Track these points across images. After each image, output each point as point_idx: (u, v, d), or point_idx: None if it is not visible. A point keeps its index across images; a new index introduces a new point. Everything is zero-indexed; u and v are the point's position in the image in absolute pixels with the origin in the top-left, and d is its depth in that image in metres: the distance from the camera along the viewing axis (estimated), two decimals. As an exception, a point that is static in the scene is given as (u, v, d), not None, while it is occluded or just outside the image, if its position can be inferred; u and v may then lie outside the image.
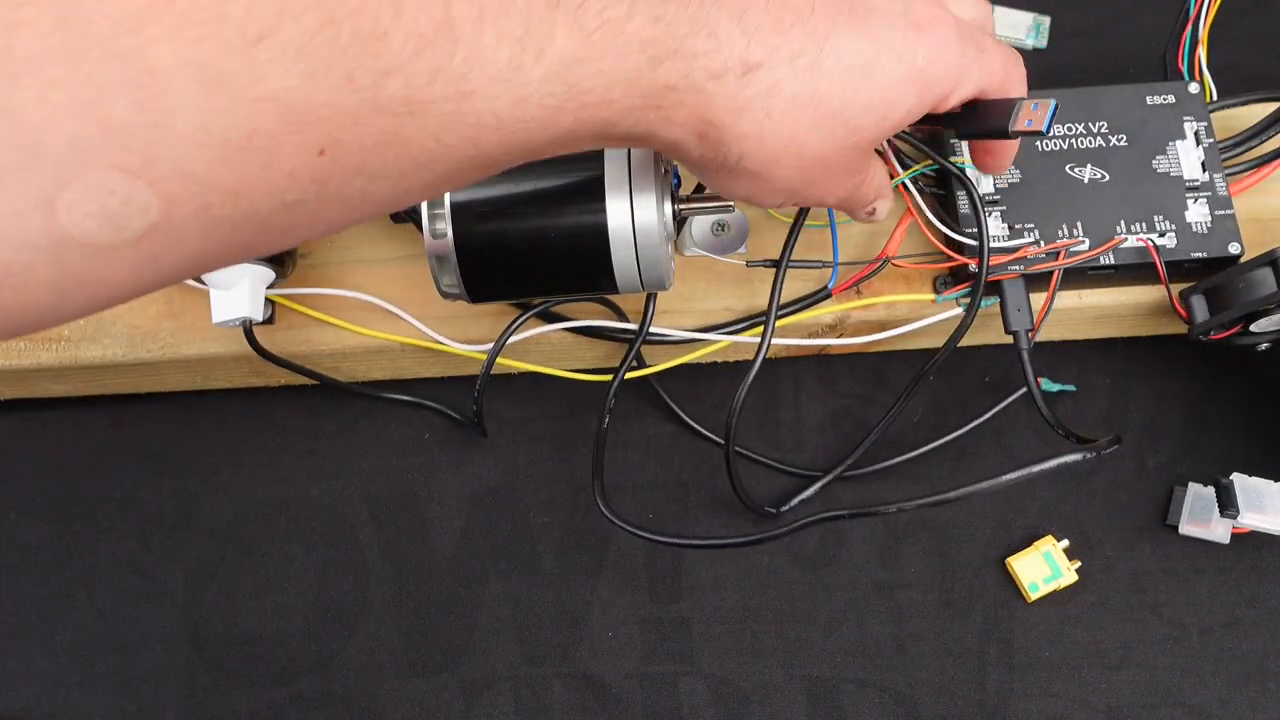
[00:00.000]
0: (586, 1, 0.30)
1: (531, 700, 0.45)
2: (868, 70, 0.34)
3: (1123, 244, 0.45)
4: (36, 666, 0.46)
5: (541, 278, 0.42)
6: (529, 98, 0.29)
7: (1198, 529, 0.46)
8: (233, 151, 0.25)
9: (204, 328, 0.46)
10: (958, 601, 0.46)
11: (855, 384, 0.50)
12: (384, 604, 0.47)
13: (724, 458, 0.44)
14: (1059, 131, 0.47)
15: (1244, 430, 0.48)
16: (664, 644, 0.46)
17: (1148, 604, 0.46)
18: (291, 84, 0.25)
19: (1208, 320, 0.44)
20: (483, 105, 0.29)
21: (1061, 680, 0.45)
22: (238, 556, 0.48)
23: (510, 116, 0.29)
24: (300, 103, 0.25)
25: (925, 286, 0.47)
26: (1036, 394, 0.43)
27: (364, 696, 0.45)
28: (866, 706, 0.44)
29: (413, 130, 0.28)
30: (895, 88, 0.34)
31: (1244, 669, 0.44)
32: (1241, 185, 0.48)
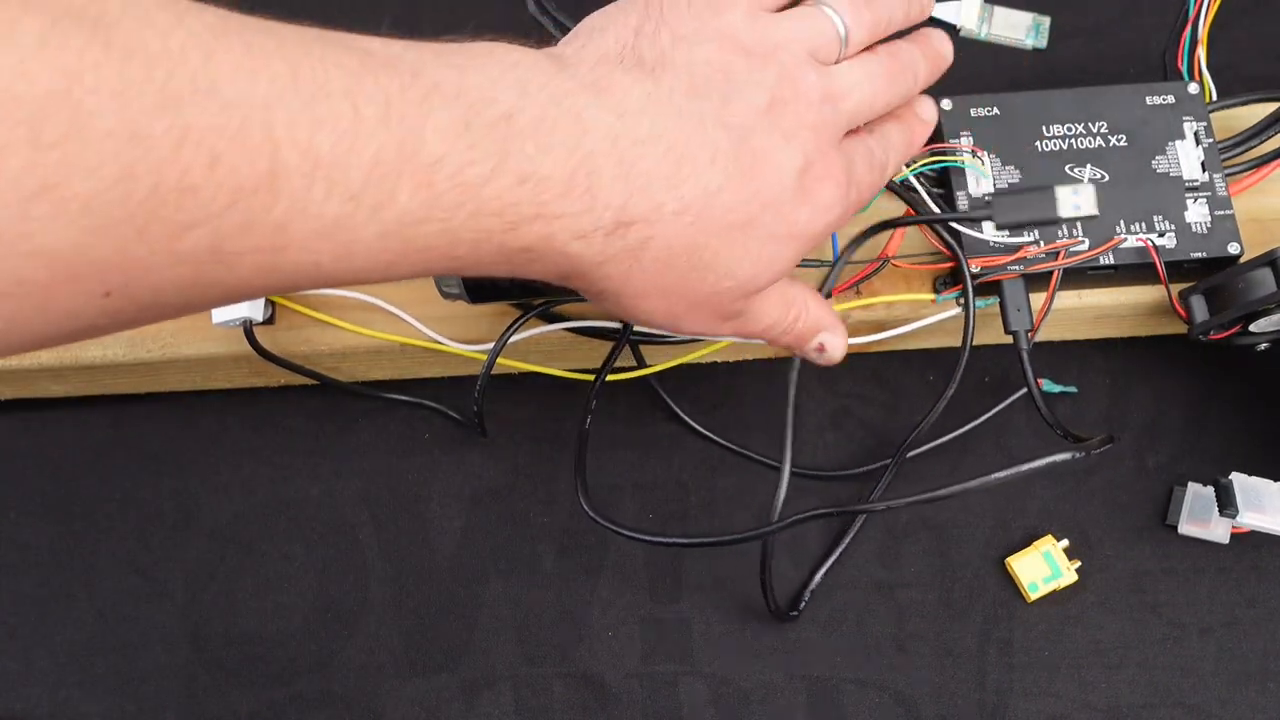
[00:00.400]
0: (445, 158, 0.28)
1: (531, 700, 0.45)
2: (749, 227, 0.33)
3: (1122, 244, 0.45)
4: (36, 666, 0.46)
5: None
6: (357, 253, 0.28)
7: (1197, 529, 0.46)
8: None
9: (204, 328, 0.46)
10: (957, 601, 0.46)
11: (855, 384, 0.50)
12: (384, 604, 0.47)
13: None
14: (1058, 131, 0.47)
15: (1244, 430, 0.48)
16: (664, 644, 0.46)
17: (1147, 604, 0.46)
18: (70, 239, 0.23)
19: (1207, 320, 0.44)
20: (303, 257, 0.27)
21: (1061, 680, 0.45)
22: (238, 556, 0.48)
23: (335, 268, 0.28)
24: (78, 257, 0.23)
25: (925, 286, 0.47)
26: (1036, 394, 0.43)
27: (364, 696, 0.45)
28: (866, 706, 0.44)
29: (218, 275, 0.26)
30: (774, 244, 0.34)
31: (1244, 669, 0.44)
32: (1241, 185, 0.48)
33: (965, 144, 0.47)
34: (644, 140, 0.32)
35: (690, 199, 0.32)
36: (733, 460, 0.48)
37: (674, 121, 0.33)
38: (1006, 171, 0.47)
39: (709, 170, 0.33)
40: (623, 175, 0.31)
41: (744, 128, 0.34)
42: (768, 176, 0.34)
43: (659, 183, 0.32)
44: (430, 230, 0.29)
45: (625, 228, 0.32)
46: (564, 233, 0.31)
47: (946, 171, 0.47)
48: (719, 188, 0.33)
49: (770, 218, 0.34)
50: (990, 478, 0.38)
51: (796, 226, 0.34)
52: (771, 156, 0.34)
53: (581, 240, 0.31)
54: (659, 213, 0.32)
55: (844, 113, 0.36)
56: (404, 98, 0.28)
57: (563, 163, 0.30)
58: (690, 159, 0.32)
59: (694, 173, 0.32)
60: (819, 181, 0.35)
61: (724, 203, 0.33)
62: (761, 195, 0.33)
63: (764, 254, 0.34)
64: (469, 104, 0.29)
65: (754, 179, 0.33)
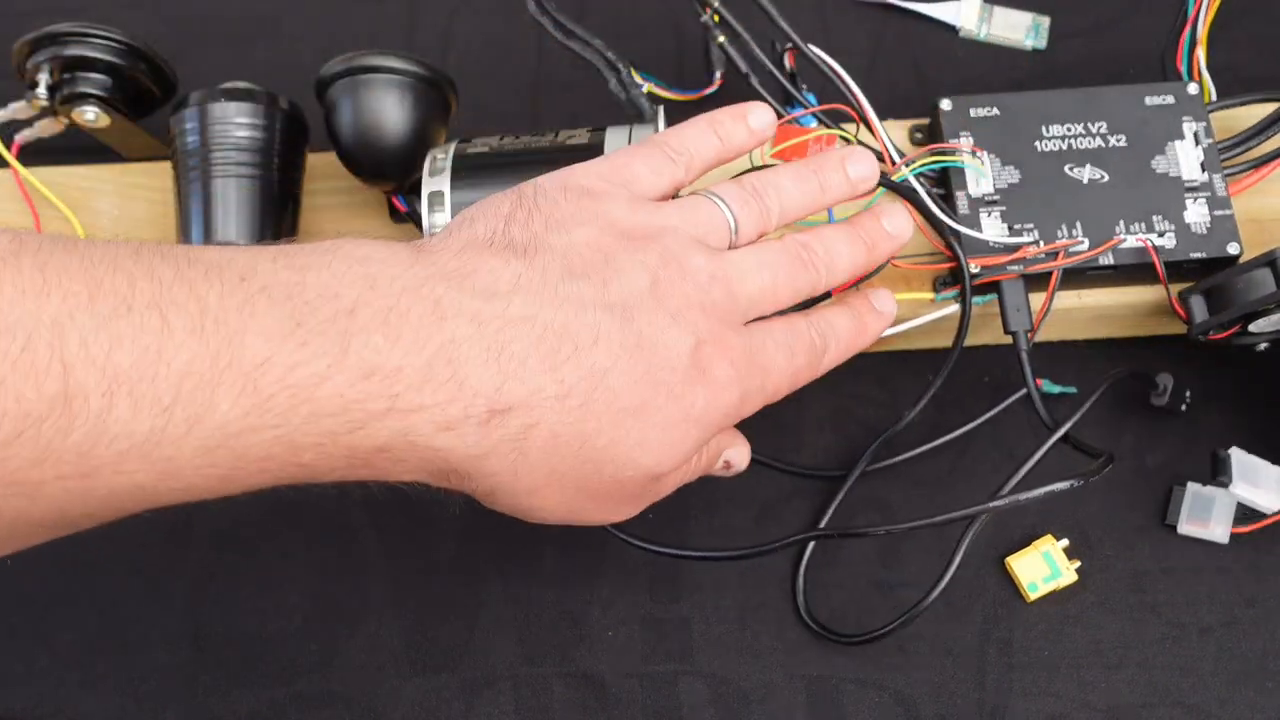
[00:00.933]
0: (270, 360, 0.26)
1: (531, 700, 0.45)
2: (644, 411, 0.32)
3: (1122, 244, 0.45)
4: (36, 666, 0.46)
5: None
6: (182, 470, 0.26)
7: (1197, 529, 0.46)
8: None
9: (204, 328, 0.46)
10: (957, 601, 0.46)
11: (855, 384, 0.50)
12: (384, 604, 0.47)
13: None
14: (1058, 132, 0.47)
15: (1243, 430, 0.48)
16: (664, 644, 0.46)
17: (1147, 604, 0.46)
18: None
19: (1207, 320, 0.44)
20: (117, 480, 0.25)
21: (1061, 680, 0.45)
22: (238, 556, 0.48)
23: (161, 487, 0.27)
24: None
25: (925, 286, 0.47)
26: (1035, 395, 0.43)
27: (364, 696, 0.45)
28: (866, 706, 0.45)
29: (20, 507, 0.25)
30: (672, 430, 0.33)
31: (1243, 668, 0.44)
32: (1240, 186, 0.48)
33: (965, 144, 0.47)
34: (516, 321, 0.30)
35: (574, 382, 0.30)
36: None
37: (550, 301, 0.31)
38: (1006, 171, 0.47)
39: (593, 351, 0.31)
40: (493, 359, 0.29)
41: (628, 308, 0.32)
42: (657, 357, 0.32)
43: (537, 364, 0.30)
44: (263, 439, 0.27)
45: (502, 415, 0.29)
46: (426, 425, 0.28)
47: (946, 171, 0.47)
48: (605, 369, 0.31)
49: (664, 401, 0.32)
50: (989, 505, 0.39)
51: (694, 410, 0.33)
52: (659, 336, 0.32)
53: (450, 432, 0.29)
54: (539, 397, 0.30)
55: (739, 296, 0.35)
56: (223, 304, 0.26)
57: (417, 351, 0.28)
58: (571, 339, 0.31)
59: (576, 354, 0.31)
60: (713, 362, 0.33)
61: (612, 385, 0.31)
62: (653, 376, 0.32)
63: (665, 440, 0.33)
64: (304, 302, 0.27)
65: (642, 360, 0.32)
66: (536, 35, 0.54)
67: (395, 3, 0.59)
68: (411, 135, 0.45)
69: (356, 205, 0.50)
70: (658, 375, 0.32)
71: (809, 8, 0.57)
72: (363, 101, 0.44)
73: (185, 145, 0.45)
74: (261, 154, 0.45)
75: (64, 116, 0.48)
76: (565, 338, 0.31)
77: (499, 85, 0.57)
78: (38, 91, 0.46)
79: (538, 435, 0.30)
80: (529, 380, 0.30)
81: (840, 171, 0.39)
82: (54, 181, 0.49)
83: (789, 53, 0.49)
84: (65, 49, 0.46)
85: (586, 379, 0.31)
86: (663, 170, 0.37)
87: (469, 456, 0.30)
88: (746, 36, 0.48)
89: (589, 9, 0.58)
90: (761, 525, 0.47)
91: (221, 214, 0.44)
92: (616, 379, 0.31)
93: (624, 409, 0.31)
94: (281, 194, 0.45)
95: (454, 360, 0.29)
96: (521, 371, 0.30)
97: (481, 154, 0.43)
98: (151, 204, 0.49)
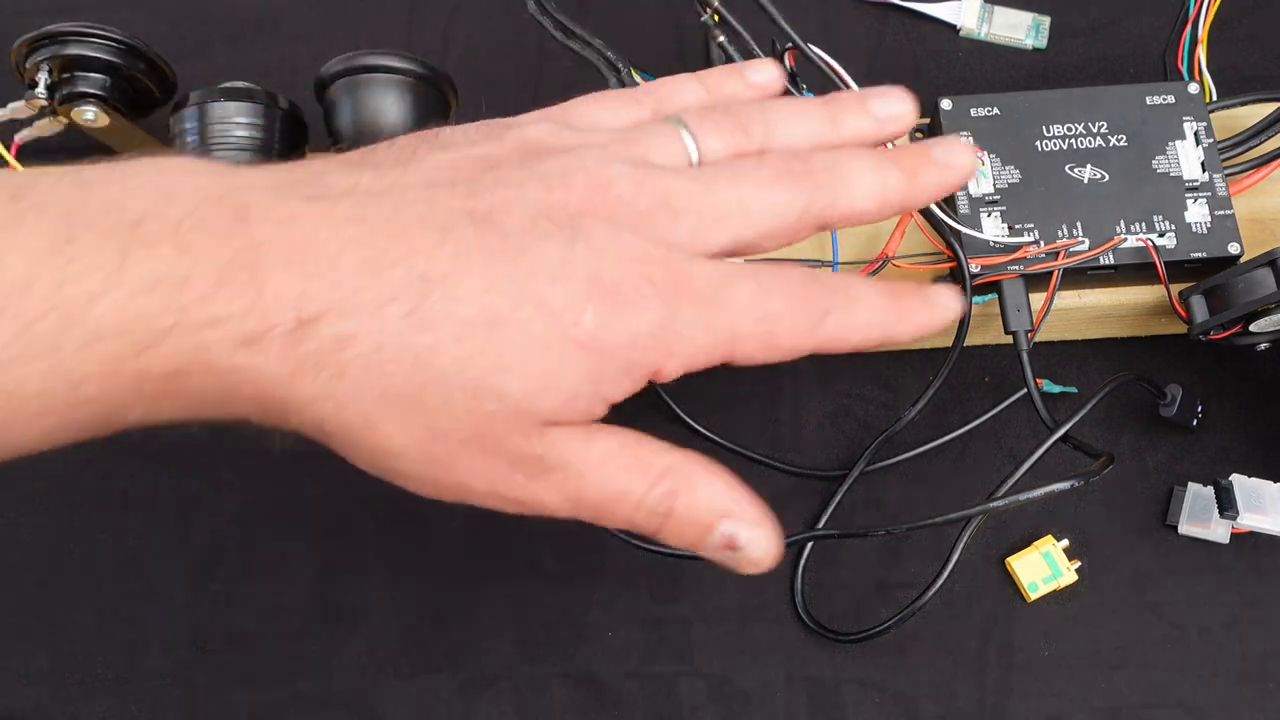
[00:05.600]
0: (35, 280, 0.23)
1: (531, 700, 0.45)
2: (496, 327, 0.26)
3: (1122, 244, 0.45)
4: (36, 666, 0.46)
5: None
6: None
7: (1197, 529, 0.46)
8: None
9: (204, 328, 0.46)
10: (957, 601, 0.46)
11: (855, 384, 0.50)
12: (384, 604, 0.47)
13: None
14: (1059, 131, 0.47)
15: (1244, 430, 0.48)
16: (664, 644, 0.46)
17: (1147, 604, 0.46)
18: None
19: (1207, 320, 0.44)
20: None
21: (1061, 680, 0.45)
22: (238, 556, 0.47)
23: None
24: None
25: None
26: (1035, 396, 0.43)
27: (364, 696, 0.45)
28: (866, 706, 0.44)
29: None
30: (547, 354, 0.26)
31: (1244, 669, 0.44)
32: (1241, 185, 0.48)
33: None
34: (338, 221, 0.25)
35: (401, 284, 0.25)
36: (734, 462, 0.48)
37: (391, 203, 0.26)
38: (1006, 171, 0.47)
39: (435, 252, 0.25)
40: (298, 260, 0.24)
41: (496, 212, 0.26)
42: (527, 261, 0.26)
43: (354, 265, 0.25)
44: (34, 371, 0.23)
45: (310, 325, 0.24)
46: (222, 342, 0.24)
47: (946, 171, 0.47)
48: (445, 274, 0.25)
49: (532, 313, 0.26)
50: (988, 506, 0.39)
51: (579, 328, 0.26)
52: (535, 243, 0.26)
53: (251, 347, 0.24)
54: (354, 302, 0.25)
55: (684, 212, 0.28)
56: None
57: (209, 257, 0.24)
58: (405, 239, 0.25)
59: (409, 255, 0.25)
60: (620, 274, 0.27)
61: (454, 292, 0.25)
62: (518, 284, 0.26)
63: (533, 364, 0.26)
64: (83, 218, 0.24)
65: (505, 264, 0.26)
66: (536, 35, 0.54)
67: (395, 3, 0.59)
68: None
69: (356, 205, 0.50)
70: (524, 285, 0.26)
71: (809, 8, 0.57)
72: (362, 101, 0.44)
73: (185, 145, 0.45)
74: (261, 153, 0.45)
75: (63, 116, 0.48)
76: (399, 239, 0.25)
77: (499, 85, 0.57)
78: (37, 91, 0.46)
79: (356, 349, 0.25)
80: (342, 283, 0.25)
81: (858, 107, 0.31)
82: (54, 181, 0.49)
83: (789, 52, 0.49)
84: (65, 48, 0.46)
85: (419, 282, 0.25)
86: (620, 110, 0.31)
87: (277, 377, 0.25)
88: (746, 36, 0.48)
89: (589, 9, 0.58)
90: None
91: (221, 214, 0.44)
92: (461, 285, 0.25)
93: (470, 320, 0.25)
94: (281, 194, 0.45)
95: (252, 265, 0.24)
96: (333, 273, 0.25)
97: (481, 154, 0.43)
98: (151, 204, 0.49)
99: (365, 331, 0.25)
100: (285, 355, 0.25)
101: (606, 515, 0.29)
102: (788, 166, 0.29)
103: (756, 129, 0.30)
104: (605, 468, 0.28)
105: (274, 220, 0.25)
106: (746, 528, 0.29)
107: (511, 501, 0.29)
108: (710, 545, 0.29)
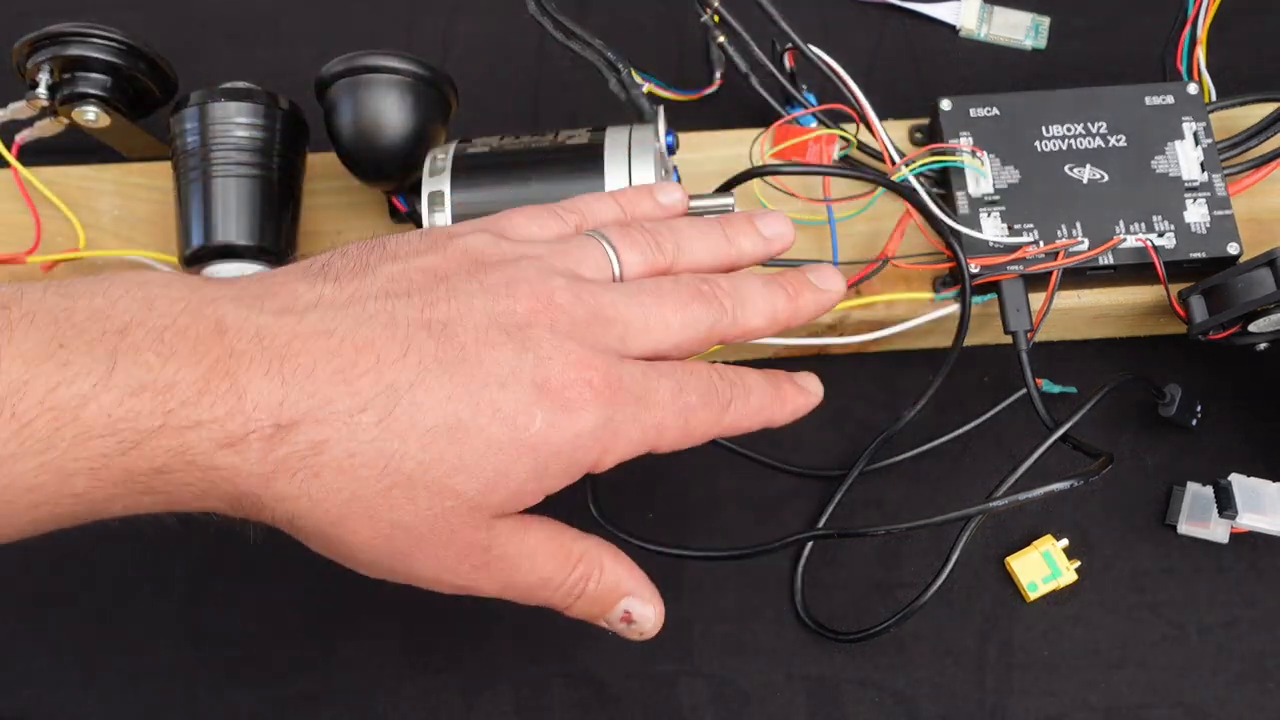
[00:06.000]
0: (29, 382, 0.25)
1: (531, 700, 0.45)
2: (456, 432, 0.28)
3: (1122, 244, 0.45)
4: (36, 666, 0.46)
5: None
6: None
7: (1196, 529, 0.46)
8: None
9: (204, 328, 0.46)
10: (957, 601, 0.46)
11: (855, 384, 0.50)
12: (384, 604, 0.47)
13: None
14: (1058, 132, 0.47)
15: (1243, 430, 0.48)
16: (664, 644, 0.46)
17: (1147, 603, 0.46)
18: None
19: (1207, 320, 0.44)
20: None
21: (1061, 680, 0.45)
22: (238, 556, 0.47)
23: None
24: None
25: (925, 286, 0.47)
26: (1035, 396, 0.43)
27: (364, 696, 0.45)
28: (866, 706, 0.45)
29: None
30: (500, 455, 0.29)
31: (1243, 669, 0.44)
32: (1240, 185, 0.48)
33: (965, 144, 0.47)
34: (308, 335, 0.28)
35: (371, 396, 0.27)
36: (734, 461, 0.48)
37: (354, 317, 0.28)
38: (1006, 171, 0.47)
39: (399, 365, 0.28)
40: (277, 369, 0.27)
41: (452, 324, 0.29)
42: (482, 372, 0.29)
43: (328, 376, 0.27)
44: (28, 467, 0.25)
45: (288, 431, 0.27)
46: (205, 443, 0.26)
47: (946, 171, 0.47)
48: (411, 384, 0.28)
49: (488, 420, 0.29)
50: (988, 506, 0.39)
51: (528, 432, 0.29)
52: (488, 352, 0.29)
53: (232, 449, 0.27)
54: (328, 410, 0.27)
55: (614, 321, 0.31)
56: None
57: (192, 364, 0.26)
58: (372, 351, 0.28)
59: (377, 366, 0.28)
60: (564, 380, 0.30)
61: (419, 400, 0.28)
62: (473, 394, 0.28)
63: (488, 466, 0.29)
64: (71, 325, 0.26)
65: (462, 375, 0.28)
66: (536, 35, 0.54)
67: (395, 3, 0.59)
68: (411, 135, 0.45)
69: (356, 205, 0.50)
70: (480, 393, 0.29)
71: (809, 8, 0.57)
72: (362, 101, 0.44)
73: (185, 145, 0.45)
74: (261, 154, 0.45)
75: (64, 116, 0.48)
76: (366, 351, 0.28)
77: (499, 85, 0.57)
78: (38, 91, 0.46)
79: (331, 454, 0.27)
80: (318, 392, 0.27)
81: (749, 228, 0.36)
82: (54, 181, 0.49)
83: (789, 53, 0.49)
84: (65, 49, 0.46)
85: (387, 393, 0.28)
86: (547, 223, 0.34)
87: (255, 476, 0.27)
88: (746, 36, 0.48)
89: (589, 9, 0.58)
90: (761, 525, 0.47)
91: (221, 214, 0.44)
92: (425, 394, 0.28)
93: (434, 428, 0.28)
94: (282, 194, 0.45)
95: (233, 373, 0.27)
96: (308, 383, 0.27)
97: (481, 154, 0.43)
98: (151, 204, 0.49)
99: (339, 437, 0.28)
100: (263, 457, 0.27)
101: (530, 597, 0.33)
102: (698, 289, 0.33)
103: (668, 245, 0.34)
104: (535, 558, 0.32)
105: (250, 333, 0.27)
106: (639, 605, 0.34)
107: (452, 586, 0.32)
108: (610, 618, 0.35)
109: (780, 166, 0.45)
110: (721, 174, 0.44)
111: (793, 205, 0.47)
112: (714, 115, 0.51)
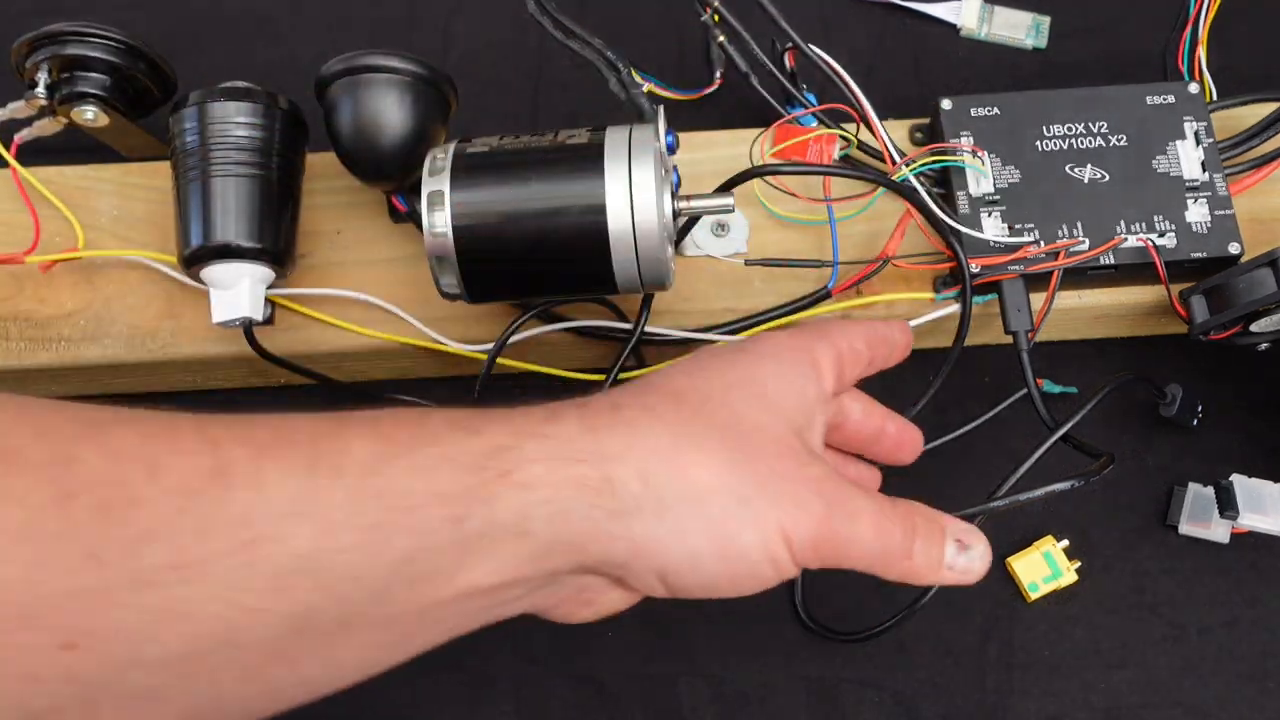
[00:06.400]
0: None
1: (531, 700, 0.45)
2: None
3: (1123, 244, 0.45)
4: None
5: (541, 277, 0.42)
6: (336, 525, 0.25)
7: (1197, 529, 0.46)
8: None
9: (204, 328, 0.46)
10: (957, 601, 0.46)
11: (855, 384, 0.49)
12: (384, 604, 0.46)
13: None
14: (1059, 131, 0.47)
15: (1244, 430, 0.48)
16: (664, 644, 0.46)
17: (1147, 604, 0.46)
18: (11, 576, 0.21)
19: (1208, 320, 0.44)
20: (276, 548, 0.24)
21: (1061, 680, 0.45)
22: (237, 556, 0.47)
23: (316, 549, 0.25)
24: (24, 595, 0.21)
25: (925, 286, 0.47)
26: (1035, 395, 0.43)
27: (364, 696, 0.45)
28: (866, 706, 0.44)
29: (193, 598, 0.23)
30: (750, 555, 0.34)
31: (1243, 669, 0.44)
32: (1241, 185, 0.48)
33: (965, 144, 0.47)
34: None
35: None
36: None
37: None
38: (1007, 171, 0.47)
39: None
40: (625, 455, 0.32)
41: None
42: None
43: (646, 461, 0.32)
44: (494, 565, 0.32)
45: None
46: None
47: (946, 171, 0.47)
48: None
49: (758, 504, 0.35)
50: (989, 506, 0.39)
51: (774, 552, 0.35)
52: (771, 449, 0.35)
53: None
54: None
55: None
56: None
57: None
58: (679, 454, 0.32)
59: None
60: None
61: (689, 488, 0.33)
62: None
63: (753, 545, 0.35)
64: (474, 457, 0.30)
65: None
66: (537, 35, 0.54)
67: (395, 3, 0.59)
68: (411, 135, 0.45)
69: (356, 205, 0.50)
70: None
71: (809, 8, 0.57)
72: (362, 101, 0.44)
73: (185, 145, 0.45)
74: (261, 153, 0.45)
75: (63, 116, 0.48)
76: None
77: (499, 85, 0.57)
78: (37, 91, 0.46)
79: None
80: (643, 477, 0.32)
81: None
82: (53, 181, 0.49)
83: (789, 52, 0.49)
84: (64, 48, 0.46)
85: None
86: None
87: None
88: (746, 36, 0.48)
89: (589, 9, 0.58)
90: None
91: (221, 213, 0.44)
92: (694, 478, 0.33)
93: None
94: (281, 193, 0.45)
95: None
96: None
97: (481, 154, 0.43)
98: (151, 204, 0.49)
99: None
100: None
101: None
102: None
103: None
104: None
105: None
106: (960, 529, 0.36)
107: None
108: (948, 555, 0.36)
109: (780, 166, 0.45)
110: (721, 174, 0.44)
111: (793, 205, 0.47)
112: (714, 115, 0.51)
